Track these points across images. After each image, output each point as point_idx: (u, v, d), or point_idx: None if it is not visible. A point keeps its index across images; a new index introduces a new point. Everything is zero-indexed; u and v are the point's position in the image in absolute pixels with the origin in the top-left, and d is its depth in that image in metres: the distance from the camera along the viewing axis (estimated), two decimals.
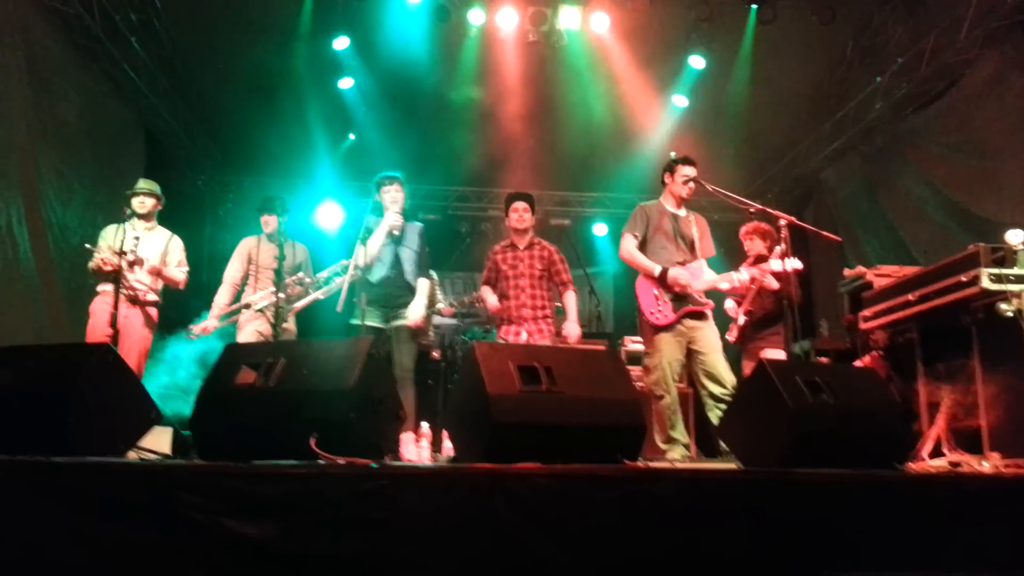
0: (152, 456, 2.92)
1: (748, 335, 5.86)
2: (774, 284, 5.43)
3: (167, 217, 5.90)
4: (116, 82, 7.46)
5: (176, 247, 5.72)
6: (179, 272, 5.68)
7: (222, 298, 5.81)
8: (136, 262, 5.34)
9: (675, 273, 4.81)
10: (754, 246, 5.97)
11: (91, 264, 5.40)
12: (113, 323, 4.69)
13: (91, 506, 2.17)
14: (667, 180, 5.15)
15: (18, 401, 2.66)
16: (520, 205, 5.67)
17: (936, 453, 3.89)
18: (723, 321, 5.61)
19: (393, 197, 5.25)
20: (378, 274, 5.17)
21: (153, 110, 8.08)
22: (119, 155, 7.59)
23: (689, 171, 5.05)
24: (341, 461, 2.42)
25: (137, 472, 2.29)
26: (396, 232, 5.22)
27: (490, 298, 5.56)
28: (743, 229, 6.10)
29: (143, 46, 7.44)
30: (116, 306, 4.79)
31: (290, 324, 5.72)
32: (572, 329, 5.43)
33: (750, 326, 5.83)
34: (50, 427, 2.56)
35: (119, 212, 5.52)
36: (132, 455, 2.85)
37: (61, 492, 2.18)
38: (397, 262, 5.20)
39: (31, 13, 6.15)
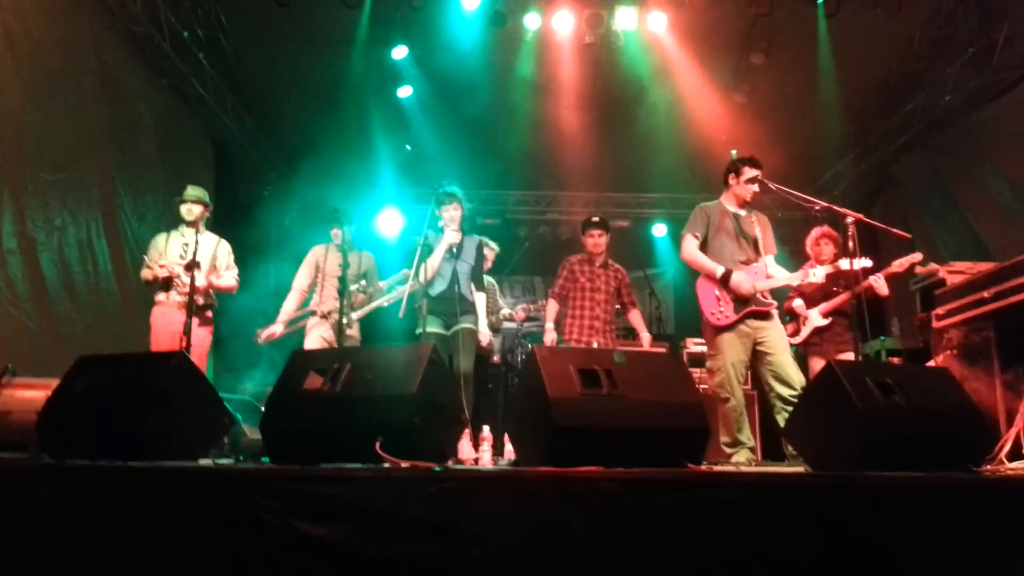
0: (225, 461, 3.01)
1: (826, 337, 5.73)
2: (884, 291, 5.43)
3: (233, 227, 6.07)
4: (185, 97, 7.72)
5: (224, 251, 5.85)
6: (230, 278, 5.80)
7: (290, 304, 5.94)
8: (193, 265, 5.51)
9: (737, 279, 4.74)
10: (824, 251, 5.82)
11: (144, 274, 5.57)
12: (187, 330, 4.83)
13: (167, 509, 2.25)
14: (732, 181, 5.05)
15: (97, 408, 2.78)
16: (596, 232, 6.08)
17: (1015, 456, 3.75)
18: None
19: (452, 215, 5.51)
20: (438, 288, 5.43)
21: (220, 123, 8.33)
22: (190, 168, 7.83)
23: (754, 173, 4.96)
24: (405, 464, 2.46)
25: (212, 476, 2.36)
26: (455, 249, 5.48)
27: (550, 332, 6.01)
28: (813, 234, 5.96)
29: (210, 61, 7.69)
30: (190, 314, 4.93)
31: (354, 331, 5.82)
32: (647, 337, 6.14)
33: (827, 328, 5.70)
34: (128, 433, 2.66)
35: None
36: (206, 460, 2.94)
37: (139, 496, 2.28)
38: (455, 277, 5.45)
39: (104, 34, 6.42)
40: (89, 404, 2.78)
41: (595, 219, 6.19)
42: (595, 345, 5.69)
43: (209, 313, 5.68)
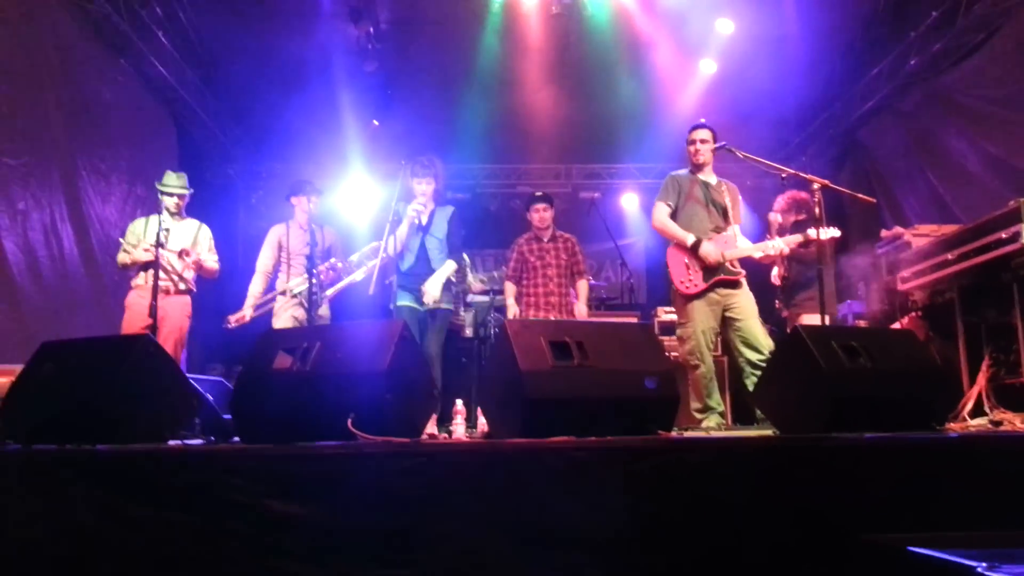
0: (195, 442, 2.99)
1: (785, 302, 5.81)
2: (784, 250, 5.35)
3: (200, 207, 5.98)
4: (145, 76, 7.56)
5: (206, 235, 5.81)
6: (213, 262, 5.79)
7: (256, 287, 5.87)
8: (183, 252, 5.47)
9: (706, 249, 4.78)
10: (789, 219, 5.90)
11: (122, 258, 5.49)
12: (152, 313, 4.77)
13: (137, 492, 2.23)
14: (688, 148, 5.12)
15: (64, 393, 2.74)
16: (540, 206, 5.99)
17: (978, 412, 3.84)
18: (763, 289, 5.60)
19: (423, 190, 5.32)
20: (407, 263, 5.30)
21: (182, 102, 8.18)
22: (153, 148, 7.71)
23: (699, 134, 5.00)
24: (378, 440, 2.46)
25: (181, 457, 2.34)
26: (421, 221, 5.29)
27: (511, 307, 5.86)
28: (776, 205, 6.03)
29: (169, 39, 7.53)
30: (155, 296, 4.88)
31: (324, 309, 5.78)
32: (581, 310, 5.93)
33: (785, 291, 5.78)
34: (94, 418, 2.64)
35: (157, 203, 5.63)
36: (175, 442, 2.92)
37: (107, 480, 2.26)
38: (423, 250, 5.29)
39: (60, 14, 6.25)
40: (54, 390, 2.74)
41: (537, 194, 6.12)
42: None
43: (188, 298, 5.63)
